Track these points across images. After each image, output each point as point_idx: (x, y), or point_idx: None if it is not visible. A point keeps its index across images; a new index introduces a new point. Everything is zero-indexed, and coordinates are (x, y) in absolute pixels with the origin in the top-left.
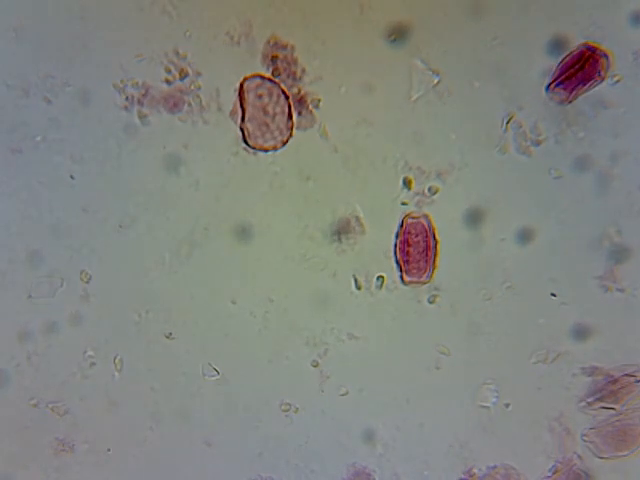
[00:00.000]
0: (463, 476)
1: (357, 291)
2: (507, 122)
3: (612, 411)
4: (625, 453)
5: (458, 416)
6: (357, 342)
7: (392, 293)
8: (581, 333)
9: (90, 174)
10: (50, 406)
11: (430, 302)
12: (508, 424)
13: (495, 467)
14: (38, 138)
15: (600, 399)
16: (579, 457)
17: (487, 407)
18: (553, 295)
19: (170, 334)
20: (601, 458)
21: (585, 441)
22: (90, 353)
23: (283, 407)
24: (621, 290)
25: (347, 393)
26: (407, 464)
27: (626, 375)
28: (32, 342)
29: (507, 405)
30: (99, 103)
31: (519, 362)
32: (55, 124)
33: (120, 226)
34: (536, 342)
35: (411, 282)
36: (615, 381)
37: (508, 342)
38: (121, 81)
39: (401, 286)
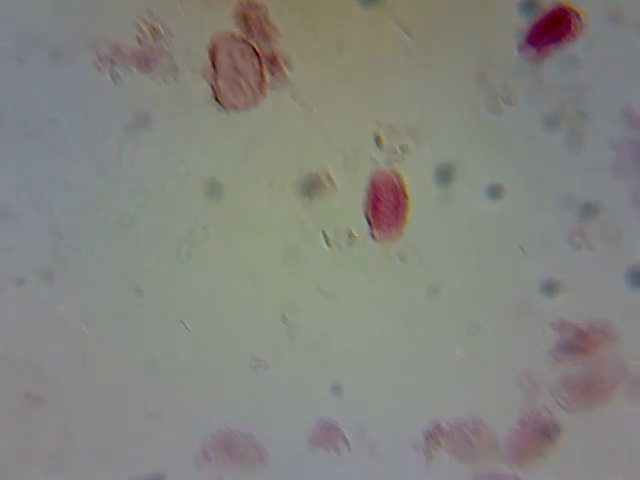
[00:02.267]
0: (431, 430)
1: (327, 247)
2: None
3: (581, 366)
4: (594, 407)
5: (427, 370)
6: (327, 298)
7: (362, 249)
8: (551, 289)
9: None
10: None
11: (400, 259)
12: (477, 378)
13: (463, 421)
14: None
15: (569, 354)
16: (548, 411)
17: (457, 361)
18: (521, 249)
19: (140, 290)
20: (570, 412)
21: (554, 395)
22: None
23: (253, 363)
24: (591, 247)
25: (316, 348)
26: (375, 418)
27: (596, 331)
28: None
29: (475, 359)
30: (72, 62)
31: (488, 317)
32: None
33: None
34: (506, 297)
35: (381, 238)
36: (584, 336)
37: (477, 297)
38: (94, 40)
39: (371, 242)
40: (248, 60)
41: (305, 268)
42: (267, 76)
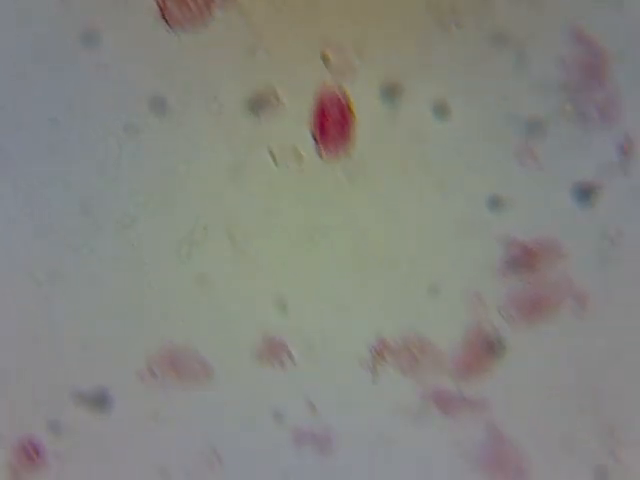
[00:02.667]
0: (376, 345)
1: (274, 166)
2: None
3: (527, 282)
4: (539, 323)
5: (372, 288)
6: (272, 215)
7: (309, 168)
8: (497, 206)
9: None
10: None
11: (347, 177)
12: (423, 293)
13: (409, 337)
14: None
15: (515, 270)
16: (493, 327)
17: (403, 275)
18: (468, 167)
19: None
20: (515, 328)
21: (500, 311)
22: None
23: (197, 279)
24: (537, 164)
25: (261, 264)
26: (320, 333)
27: (542, 247)
28: None
29: (421, 275)
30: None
31: (435, 234)
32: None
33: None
34: (452, 215)
35: (328, 157)
36: (530, 253)
37: (425, 216)
38: None
39: (318, 160)
40: None
41: (251, 186)
42: None
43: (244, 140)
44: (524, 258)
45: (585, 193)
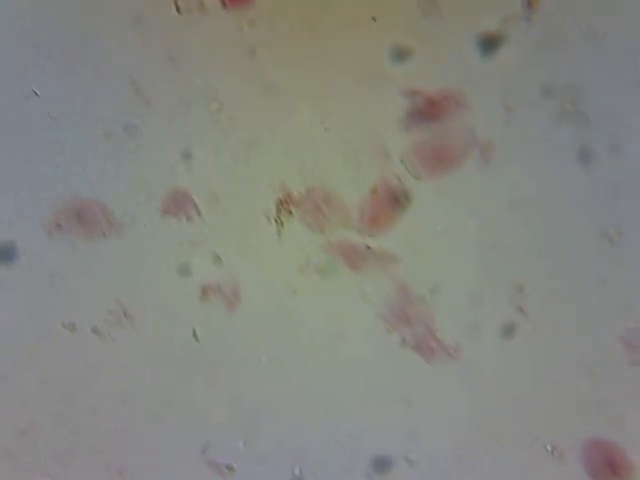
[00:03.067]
0: (282, 198)
1: (177, 13)
2: None
3: (431, 133)
4: (443, 174)
5: (278, 137)
6: (174, 63)
7: (212, 15)
8: (400, 56)
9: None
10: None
11: (250, 25)
12: (330, 149)
13: (314, 190)
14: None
15: (420, 121)
16: (398, 179)
17: (312, 137)
18: (374, 20)
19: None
20: (420, 180)
21: (404, 162)
22: None
23: (104, 130)
24: (440, 15)
25: (170, 116)
26: (226, 186)
27: (446, 98)
28: None
29: (326, 129)
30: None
31: (338, 84)
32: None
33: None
34: (355, 64)
35: (232, 6)
36: (434, 103)
37: (329, 70)
38: None
39: (221, 10)
40: None
41: (154, 34)
42: None
43: None
44: (428, 109)
45: (489, 44)
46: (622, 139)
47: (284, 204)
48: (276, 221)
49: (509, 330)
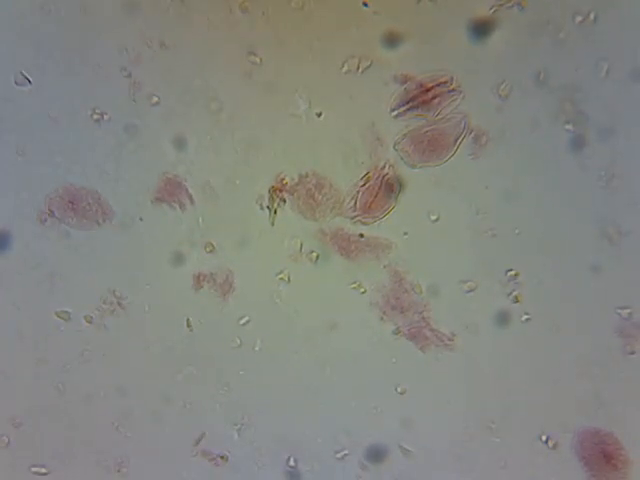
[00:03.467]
0: (275, 185)
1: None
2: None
3: (424, 120)
4: (436, 162)
5: (271, 126)
6: (167, 51)
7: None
8: (392, 42)
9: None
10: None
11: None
12: (324, 136)
13: (307, 177)
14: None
15: (412, 108)
16: (391, 166)
17: (298, 116)
18: (365, 5)
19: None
20: (412, 167)
21: (397, 150)
22: None
23: (94, 116)
24: (434, 1)
25: (159, 102)
26: (219, 174)
27: (439, 84)
28: None
29: (319, 114)
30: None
31: (330, 71)
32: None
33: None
34: (347, 51)
35: None
36: (427, 90)
37: (318, 50)
38: None
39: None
40: None
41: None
42: None
43: None
44: (421, 95)
45: (482, 30)
46: (616, 125)
47: (277, 192)
48: (269, 209)
49: (504, 319)
